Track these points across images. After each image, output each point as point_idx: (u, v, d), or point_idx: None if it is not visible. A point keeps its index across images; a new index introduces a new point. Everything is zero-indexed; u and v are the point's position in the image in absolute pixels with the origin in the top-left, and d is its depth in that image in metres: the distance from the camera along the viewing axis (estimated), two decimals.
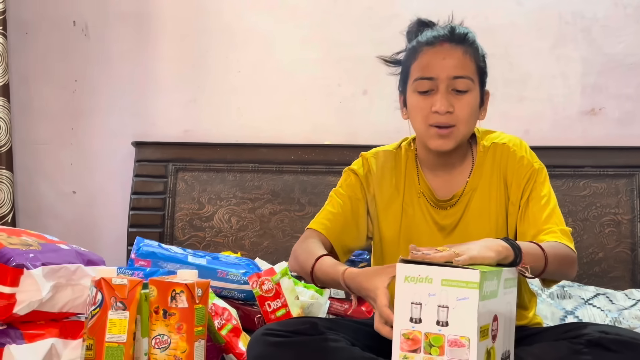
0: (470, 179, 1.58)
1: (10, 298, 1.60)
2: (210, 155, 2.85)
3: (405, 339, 1.13)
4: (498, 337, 1.17)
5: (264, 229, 2.77)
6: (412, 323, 1.13)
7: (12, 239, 1.72)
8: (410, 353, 1.12)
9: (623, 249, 2.55)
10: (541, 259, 1.36)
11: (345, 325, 1.51)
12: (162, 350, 1.49)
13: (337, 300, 2.21)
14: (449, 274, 1.11)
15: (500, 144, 1.59)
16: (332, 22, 2.87)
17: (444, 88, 1.48)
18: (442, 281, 1.10)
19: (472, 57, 1.51)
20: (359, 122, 2.84)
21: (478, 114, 1.54)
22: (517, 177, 1.55)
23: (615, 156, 2.60)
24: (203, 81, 2.94)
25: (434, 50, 1.50)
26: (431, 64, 1.49)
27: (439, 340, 1.10)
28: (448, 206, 1.58)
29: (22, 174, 3.00)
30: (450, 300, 1.10)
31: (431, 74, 1.49)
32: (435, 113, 1.48)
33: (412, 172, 1.63)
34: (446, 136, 1.50)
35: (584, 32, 2.72)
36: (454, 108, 1.48)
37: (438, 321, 1.11)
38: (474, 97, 1.51)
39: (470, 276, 1.09)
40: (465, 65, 1.49)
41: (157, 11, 2.97)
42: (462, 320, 1.09)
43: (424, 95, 1.50)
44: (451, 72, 1.48)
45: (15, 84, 2.98)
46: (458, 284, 1.09)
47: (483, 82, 1.54)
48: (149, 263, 2.07)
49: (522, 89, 2.74)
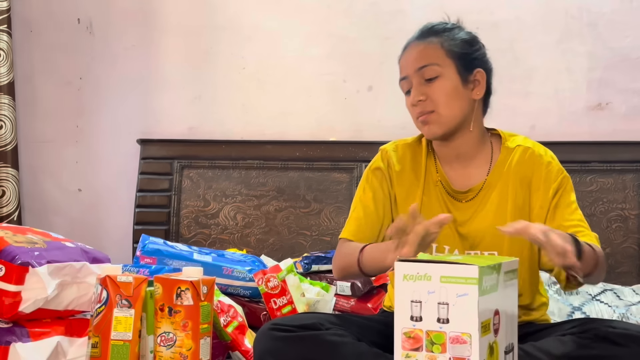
0: (489, 176, 1.59)
1: (15, 296, 1.60)
2: (216, 152, 2.84)
3: (407, 338, 1.12)
4: (500, 331, 1.16)
5: (269, 226, 2.77)
6: (413, 321, 1.12)
7: (18, 237, 1.72)
8: (412, 352, 1.11)
9: (630, 245, 2.54)
10: (593, 261, 1.36)
11: (352, 321, 1.51)
12: (167, 348, 1.49)
13: (343, 297, 2.21)
14: (447, 270, 1.10)
15: (526, 147, 1.60)
16: (337, 18, 2.86)
17: (416, 82, 1.56)
18: (441, 278, 1.09)
19: (438, 44, 1.56)
20: (364, 118, 2.83)
21: (465, 94, 1.56)
22: (546, 182, 1.56)
23: (622, 151, 2.59)
24: (208, 78, 2.94)
25: (404, 54, 1.61)
26: (402, 66, 1.60)
27: (441, 337, 1.09)
28: (464, 199, 1.59)
29: (27, 172, 3.01)
30: (450, 297, 1.09)
31: (403, 74, 1.60)
32: (413, 106, 1.57)
33: (430, 163, 1.64)
34: (428, 122, 1.56)
35: (590, 27, 2.70)
36: (426, 95, 1.54)
37: (439, 318, 1.10)
38: (447, 80, 1.54)
39: (469, 272, 1.08)
40: (429, 54, 1.55)
41: (162, 8, 2.97)
42: (462, 317, 1.08)
43: (407, 96, 1.59)
44: (415, 65, 1.56)
45: (20, 82, 2.98)
46: (457, 280, 1.08)
47: (464, 64, 1.56)
48: (154, 260, 2.08)
49: (528, 84, 2.73)
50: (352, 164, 2.74)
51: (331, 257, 2.30)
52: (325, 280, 2.25)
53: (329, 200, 2.75)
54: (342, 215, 2.71)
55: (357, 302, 2.20)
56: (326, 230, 2.73)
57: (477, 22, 1.60)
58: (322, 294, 2.08)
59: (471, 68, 1.57)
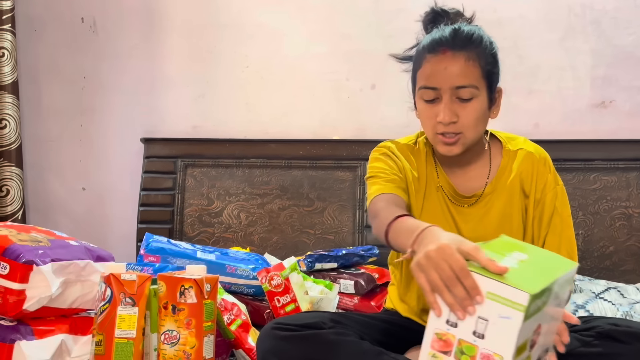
0: (493, 180, 1.57)
1: (20, 294, 1.61)
2: (219, 151, 2.85)
3: (438, 339, 1.08)
4: (537, 343, 1.11)
5: (273, 224, 2.77)
6: (448, 325, 1.07)
7: (22, 236, 1.72)
8: (440, 353, 1.08)
9: (634, 243, 2.53)
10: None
11: (355, 319, 1.50)
12: (171, 346, 1.49)
13: (346, 295, 2.21)
14: (496, 288, 1.03)
15: (528, 152, 1.58)
16: (340, 16, 2.86)
17: (447, 98, 1.45)
18: (488, 294, 1.04)
19: (477, 61, 1.46)
20: (367, 116, 2.83)
21: (487, 115, 1.52)
22: (541, 190, 1.55)
23: (625, 149, 2.58)
24: (211, 77, 2.94)
25: (436, 59, 1.46)
26: (434, 74, 1.46)
27: (472, 350, 1.05)
28: (466, 204, 1.57)
29: (31, 170, 3.02)
30: (491, 314, 1.03)
31: (434, 84, 1.46)
32: (439, 123, 1.47)
33: (430, 167, 1.61)
34: (452, 144, 1.48)
35: (594, 24, 2.69)
36: (458, 117, 1.46)
37: (475, 332, 1.05)
38: (480, 103, 1.47)
39: (518, 297, 1.01)
40: (468, 74, 1.45)
41: (165, 7, 2.97)
42: (499, 338, 1.03)
43: (430, 104, 1.49)
44: (454, 82, 1.45)
45: (24, 81, 2.99)
46: (503, 301, 1.02)
47: (491, 83, 1.51)
48: (158, 259, 2.08)
49: (532, 81, 2.73)
50: (356, 162, 2.74)
51: (334, 256, 2.32)
52: (329, 278, 2.25)
53: (332, 198, 2.75)
54: (346, 214, 2.71)
55: (361, 300, 2.20)
56: (329, 228, 2.73)
57: (480, 20, 1.59)
58: (325, 292, 2.08)
59: (494, 86, 1.52)
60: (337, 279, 2.24)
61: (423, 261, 1.11)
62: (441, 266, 1.08)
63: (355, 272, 2.28)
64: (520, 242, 1.27)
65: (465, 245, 1.10)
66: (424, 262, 1.10)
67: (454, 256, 1.07)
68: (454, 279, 1.06)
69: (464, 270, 1.06)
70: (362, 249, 2.44)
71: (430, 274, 1.09)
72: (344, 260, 2.34)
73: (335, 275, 2.27)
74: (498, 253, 1.13)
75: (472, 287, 1.04)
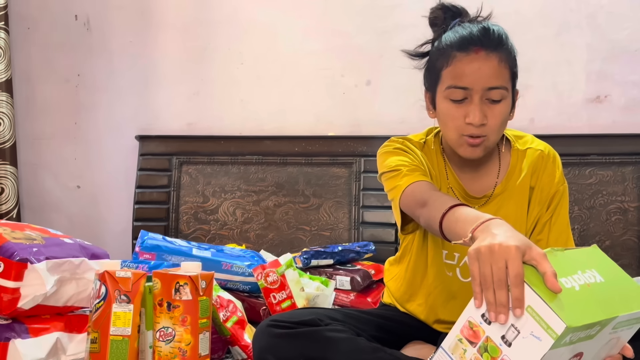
0: (503, 180, 1.55)
1: (14, 292, 1.60)
2: (214, 148, 2.84)
3: (469, 327, 1.07)
4: None
5: (268, 221, 2.77)
6: (482, 320, 1.05)
7: (16, 234, 1.72)
8: (467, 341, 1.07)
9: (630, 237, 2.53)
10: None
11: (351, 315, 1.50)
12: (166, 343, 1.49)
13: (342, 291, 2.21)
14: (538, 305, 1.00)
15: (537, 150, 1.57)
16: (335, 12, 2.85)
17: (478, 99, 1.41)
18: (528, 307, 1.01)
19: (507, 63, 1.43)
20: (362, 113, 2.82)
21: (508, 117, 1.49)
22: (547, 190, 1.54)
23: (621, 143, 2.58)
24: (206, 74, 2.94)
25: (468, 58, 1.41)
26: (465, 74, 1.41)
27: (496, 352, 1.04)
28: (477, 204, 1.54)
29: (26, 169, 3.01)
30: (525, 328, 1.01)
31: (465, 83, 1.41)
32: (469, 124, 1.42)
33: (440, 167, 1.58)
34: (477, 145, 1.44)
35: (589, 19, 2.69)
36: (487, 119, 1.42)
37: (504, 337, 1.03)
38: (507, 105, 1.45)
39: (555, 323, 0.98)
40: (501, 75, 1.42)
41: (159, 4, 2.96)
42: (524, 353, 1.01)
43: (457, 104, 1.43)
44: (486, 83, 1.41)
45: (18, 79, 2.98)
46: (540, 320, 0.99)
47: (514, 84, 1.48)
48: (153, 256, 2.07)
49: (527, 76, 2.69)
50: (351, 158, 2.74)
51: (330, 252, 2.32)
52: (325, 274, 2.25)
53: (328, 195, 2.74)
54: (342, 210, 2.71)
55: (357, 296, 2.20)
56: (325, 225, 2.72)
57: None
58: (321, 289, 2.08)
59: (514, 88, 1.49)
60: (333, 276, 2.24)
61: (484, 250, 1.05)
62: (499, 264, 1.03)
63: (351, 269, 2.28)
64: (609, 261, 1.19)
65: (533, 251, 1.05)
66: (484, 251, 1.05)
67: (516, 261, 1.02)
68: (504, 283, 1.02)
69: (518, 278, 1.01)
70: (358, 245, 2.44)
71: (485, 267, 1.04)
72: (340, 256, 2.34)
73: (332, 271, 2.27)
74: (569, 267, 1.09)
75: (517, 297, 1.01)
